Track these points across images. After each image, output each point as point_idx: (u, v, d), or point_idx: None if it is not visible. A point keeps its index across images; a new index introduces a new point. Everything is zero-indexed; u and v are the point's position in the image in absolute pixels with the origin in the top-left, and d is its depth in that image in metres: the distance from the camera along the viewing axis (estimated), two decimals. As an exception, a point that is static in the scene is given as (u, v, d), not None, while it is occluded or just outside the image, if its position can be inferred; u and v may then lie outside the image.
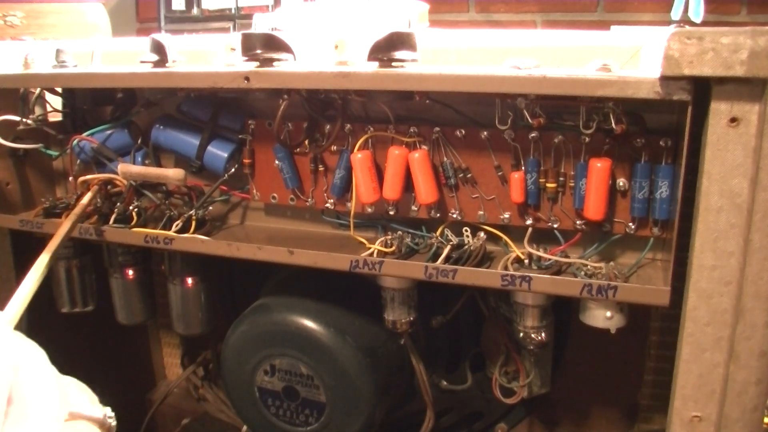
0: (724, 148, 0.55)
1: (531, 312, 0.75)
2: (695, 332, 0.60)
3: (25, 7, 1.38)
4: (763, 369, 0.59)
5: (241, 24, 2.05)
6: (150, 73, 0.76)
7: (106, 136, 0.90)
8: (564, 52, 0.68)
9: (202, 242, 0.80)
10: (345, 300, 0.86)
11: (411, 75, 0.64)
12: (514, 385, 0.86)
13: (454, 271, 0.69)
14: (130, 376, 1.24)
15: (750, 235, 0.56)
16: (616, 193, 0.68)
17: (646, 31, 0.70)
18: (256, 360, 0.86)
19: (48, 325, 0.94)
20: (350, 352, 0.81)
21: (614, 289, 0.63)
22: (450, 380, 0.96)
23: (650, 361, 0.90)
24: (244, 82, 0.69)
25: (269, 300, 0.89)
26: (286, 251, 0.75)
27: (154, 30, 2.03)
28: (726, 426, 0.61)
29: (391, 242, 0.76)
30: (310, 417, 0.85)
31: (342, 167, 0.77)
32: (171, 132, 0.87)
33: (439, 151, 0.74)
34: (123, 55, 0.87)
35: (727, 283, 0.58)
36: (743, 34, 0.51)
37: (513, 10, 1.87)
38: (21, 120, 0.90)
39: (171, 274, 0.95)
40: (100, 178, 0.88)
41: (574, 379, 0.97)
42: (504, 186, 0.72)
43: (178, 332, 0.99)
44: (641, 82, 0.56)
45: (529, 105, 0.67)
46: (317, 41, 0.76)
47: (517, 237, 0.74)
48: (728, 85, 0.53)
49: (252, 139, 0.83)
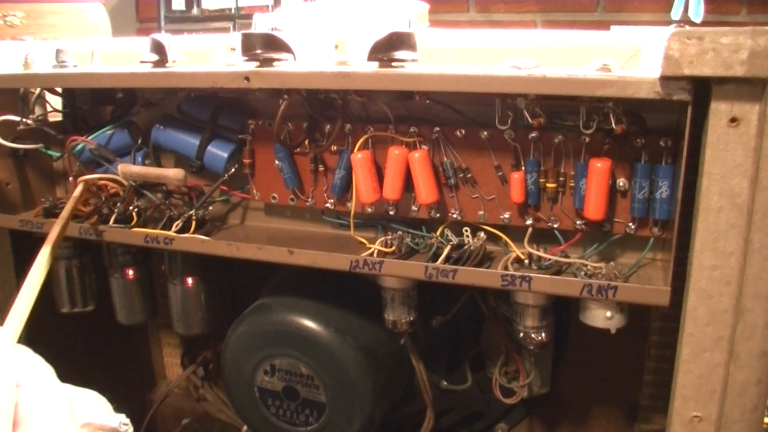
0: (724, 148, 0.55)
1: (531, 312, 0.75)
2: (695, 332, 0.60)
3: (25, 7, 1.38)
4: (763, 369, 0.59)
5: (241, 24, 2.05)
6: (150, 73, 0.76)
7: (106, 136, 0.90)
8: (564, 52, 0.68)
9: (202, 242, 0.80)
10: (345, 300, 0.86)
11: (411, 75, 0.64)
12: (514, 385, 0.86)
13: (454, 271, 0.68)
14: (130, 376, 1.24)
15: (750, 235, 0.56)
16: (616, 193, 0.68)
17: (646, 31, 0.70)
18: (256, 360, 0.86)
19: (48, 325, 0.94)
20: (350, 352, 0.81)
21: (614, 289, 0.63)
22: (450, 380, 0.96)
23: (650, 361, 0.90)
24: (244, 82, 0.69)
25: (269, 300, 0.89)
26: (286, 251, 0.75)
27: (154, 30, 2.03)
28: (726, 426, 0.61)
29: (391, 242, 0.76)
30: (310, 417, 0.85)
31: (342, 167, 0.77)
32: (171, 132, 0.87)
33: (439, 151, 0.74)
34: (123, 55, 0.87)
35: (727, 283, 0.58)
36: (743, 34, 0.51)
37: (513, 10, 1.87)
38: (21, 120, 0.90)
39: (171, 274, 0.95)
40: (94, 179, 0.88)
41: (574, 379, 0.97)
42: (504, 186, 0.72)
43: (178, 332, 0.99)
44: (641, 82, 0.56)
45: (529, 105, 0.67)
46: (317, 41, 0.76)
47: (517, 237, 0.74)
48: (728, 85, 0.53)
49: (252, 139, 0.83)
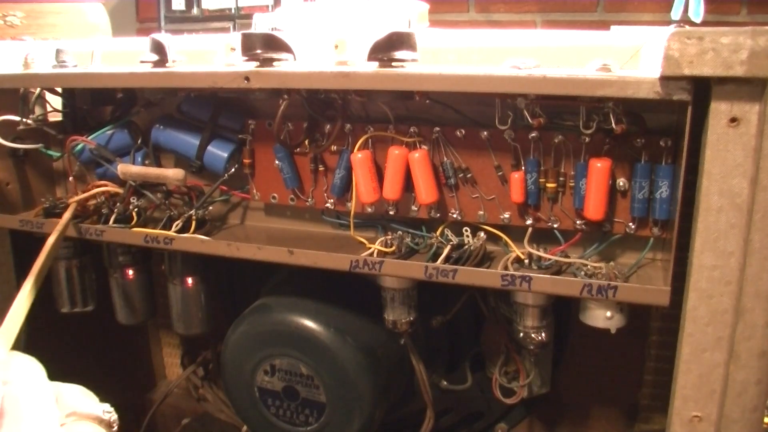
0: (724, 148, 0.55)
1: (531, 312, 0.75)
2: (695, 332, 0.60)
3: (25, 7, 1.38)
4: (763, 369, 0.59)
5: (241, 24, 2.05)
6: (150, 73, 0.76)
7: (106, 136, 0.90)
8: (564, 52, 0.68)
9: (202, 242, 0.80)
10: (345, 300, 0.86)
11: (411, 75, 0.64)
12: (514, 385, 0.86)
13: (454, 271, 0.68)
14: (130, 376, 1.24)
15: (750, 235, 0.56)
16: (616, 193, 0.68)
17: (646, 31, 0.70)
18: (256, 360, 0.86)
19: (48, 325, 0.94)
20: (350, 352, 0.81)
21: (614, 289, 0.63)
22: (450, 380, 0.96)
23: (650, 361, 0.90)
24: (244, 82, 0.69)
25: (269, 300, 0.89)
26: (286, 251, 0.75)
27: (154, 30, 2.04)
28: (726, 426, 0.61)
29: (391, 242, 0.76)
30: (310, 417, 0.85)
31: (342, 167, 0.77)
32: (171, 132, 0.87)
33: (439, 151, 0.74)
34: (123, 55, 0.87)
35: (727, 283, 0.58)
36: (743, 34, 0.51)
37: (513, 10, 1.87)
38: (21, 120, 0.90)
39: (171, 274, 0.95)
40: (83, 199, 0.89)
41: (574, 379, 0.97)
42: (504, 186, 0.72)
43: (178, 332, 0.99)
44: (641, 82, 0.56)
45: (529, 105, 0.67)
46: (317, 41, 0.76)
47: (517, 237, 0.74)
48: (728, 85, 0.53)
49: (252, 139, 0.83)
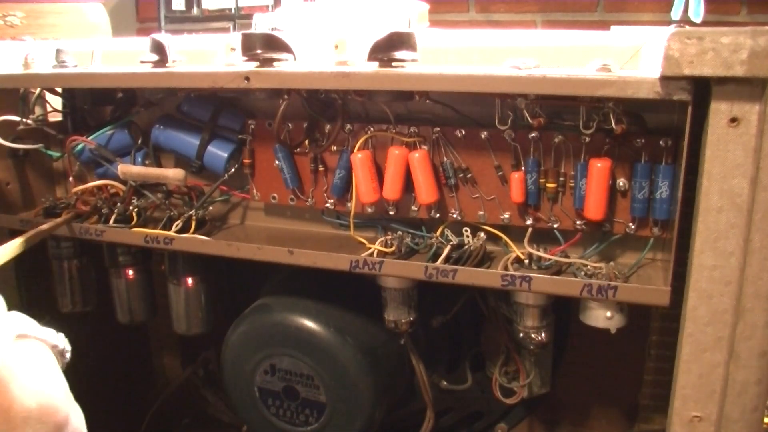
0: (724, 148, 0.55)
1: (531, 312, 0.75)
2: (695, 332, 0.60)
3: (25, 7, 1.38)
4: (763, 369, 0.59)
5: (241, 24, 2.05)
6: (150, 73, 0.76)
7: (106, 136, 0.90)
8: (564, 52, 0.68)
9: (202, 242, 0.80)
10: (345, 300, 0.86)
11: (411, 75, 0.64)
12: (514, 385, 0.86)
13: (454, 271, 0.69)
14: (130, 376, 1.24)
15: (750, 235, 0.56)
16: (616, 193, 0.68)
17: (646, 31, 0.70)
18: (256, 360, 0.86)
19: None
20: (350, 352, 0.81)
21: (614, 289, 0.63)
22: (450, 380, 0.96)
23: (650, 361, 0.90)
24: (244, 82, 0.69)
25: (269, 300, 0.89)
26: (286, 251, 0.75)
27: (154, 30, 2.03)
28: (726, 426, 0.61)
29: (391, 242, 0.76)
30: (310, 417, 0.85)
31: (342, 167, 0.77)
32: (171, 132, 0.87)
33: (439, 151, 0.74)
34: (123, 55, 0.87)
35: (727, 283, 0.58)
36: (743, 34, 0.51)
37: (513, 10, 1.87)
38: (21, 120, 0.90)
39: (171, 274, 0.95)
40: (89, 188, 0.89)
41: (574, 379, 0.97)
42: (504, 186, 0.72)
43: (178, 332, 0.99)
44: (641, 82, 0.56)
45: (529, 105, 0.67)
46: (317, 41, 0.76)
47: (517, 237, 0.74)
48: (728, 85, 0.53)
49: (252, 139, 0.83)
